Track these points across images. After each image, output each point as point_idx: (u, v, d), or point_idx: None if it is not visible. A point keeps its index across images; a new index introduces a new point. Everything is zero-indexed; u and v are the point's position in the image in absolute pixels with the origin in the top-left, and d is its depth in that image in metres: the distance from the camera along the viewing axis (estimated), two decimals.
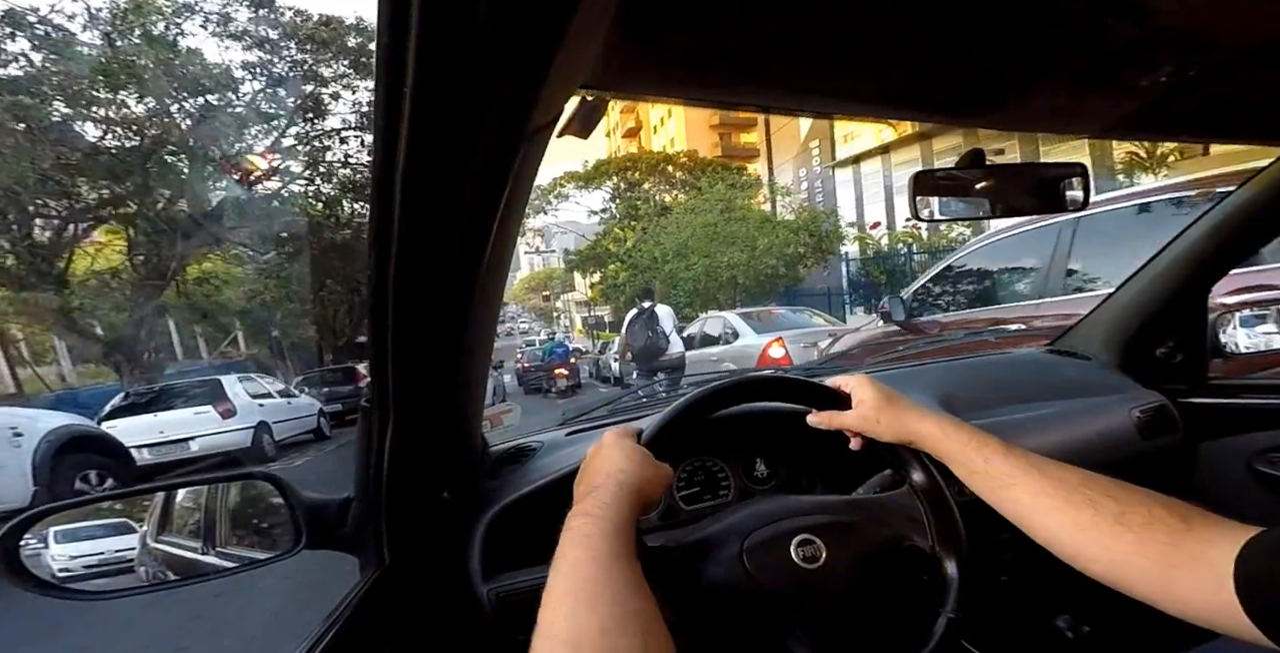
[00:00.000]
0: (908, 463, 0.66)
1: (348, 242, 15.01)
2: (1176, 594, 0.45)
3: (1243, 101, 0.61)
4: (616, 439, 0.60)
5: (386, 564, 0.67)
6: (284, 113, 13.98)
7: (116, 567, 0.73)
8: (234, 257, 15.48)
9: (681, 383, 1.81)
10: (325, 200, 15.41)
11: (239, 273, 16.21)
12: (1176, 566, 0.45)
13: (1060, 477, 0.54)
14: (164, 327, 17.57)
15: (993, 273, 3.63)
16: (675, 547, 0.61)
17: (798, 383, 0.71)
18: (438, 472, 0.70)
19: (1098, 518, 0.49)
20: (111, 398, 8.62)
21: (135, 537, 0.76)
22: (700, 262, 13.94)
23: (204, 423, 7.85)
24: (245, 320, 17.76)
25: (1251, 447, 1.03)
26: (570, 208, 21.88)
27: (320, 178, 15.17)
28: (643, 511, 0.53)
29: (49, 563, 0.66)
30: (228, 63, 13.11)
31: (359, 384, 12.82)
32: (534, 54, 0.32)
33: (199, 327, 17.74)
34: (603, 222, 23.45)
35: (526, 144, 0.39)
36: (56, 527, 0.68)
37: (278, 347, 18.63)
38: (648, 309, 6.22)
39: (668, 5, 0.36)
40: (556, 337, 16.07)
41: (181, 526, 0.80)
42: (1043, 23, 0.43)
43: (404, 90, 0.31)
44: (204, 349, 20.25)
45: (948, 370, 1.22)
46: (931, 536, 0.64)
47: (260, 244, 14.64)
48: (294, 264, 15.11)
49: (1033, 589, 0.86)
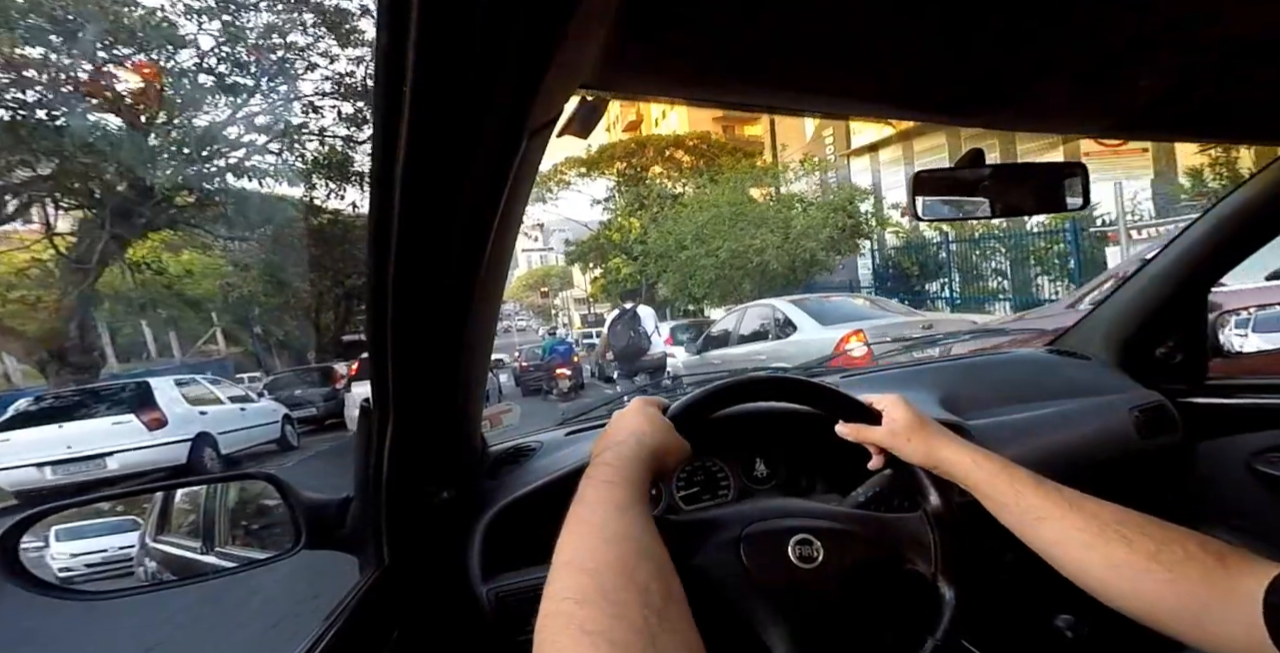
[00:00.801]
0: (925, 487, 0.66)
1: (324, 226, 13.70)
2: (1210, 632, 0.44)
3: (1243, 101, 0.61)
4: (642, 405, 0.62)
5: (386, 564, 0.67)
6: (244, 74, 11.56)
7: (119, 567, 0.73)
8: (198, 242, 13.80)
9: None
10: (295, 177, 13.28)
11: (198, 260, 14.68)
12: (1210, 604, 0.44)
13: (1094, 512, 0.53)
14: (134, 323, 16.24)
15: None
16: (675, 521, 0.62)
17: (834, 393, 0.70)
18: (438, 472, 0.70)
19: (1131, 556, 0.49)
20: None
21: (136, 535, 0.77)
22: (725, 245, 12.24)
23: (125, 435, 6.56)
24: (222, 316, 16.50)
25: (1250, 447, 1.03)
26: (572, 196, 20.56)
27: (288, 151, 13.02)
28: (657, 476, 0.54)
29: (50, 563, 0.66)
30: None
31: (337, 386, 11.82)
32: (534, 54, 0.32)
33: (177, 321, 16.46)
34: (606, 210, 21.39)
35: (526, 143, 0.39)
36: (59, 526, 0.68)
37: (261, 344, 17.53)
38: (630, 310, 6.24)
39: (668, 5, 0.36)
40: (558, 333, 15.37)
41: (181, 525, 0.80)
42: (1043, 22, 0.43)
43: (404, 90, 0.31)
44: (176, 347, 18.98)
45: (949, 370, 1.22)
46: (935, 563, 0.63)
47: (227, 228, 12.84)
48: (270, 253, 13.68)
49: (1033, 589, 0.86)
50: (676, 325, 10.94)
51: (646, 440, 0.55)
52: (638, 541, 0.42)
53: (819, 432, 0.70)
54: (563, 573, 0.39)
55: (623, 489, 0.47)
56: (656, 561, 0.41)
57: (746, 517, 0.62)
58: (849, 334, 4.49)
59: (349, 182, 13.39)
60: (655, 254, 14.83)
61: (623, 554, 0.40)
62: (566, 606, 0.36)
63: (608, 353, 6.50)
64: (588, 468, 0.51)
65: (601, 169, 20.54)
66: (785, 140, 18.98)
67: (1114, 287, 1.17)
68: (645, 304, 6.84)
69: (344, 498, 0.71)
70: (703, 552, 0.59)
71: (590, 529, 0.43)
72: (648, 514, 0.46)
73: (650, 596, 0.37)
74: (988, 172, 0.79)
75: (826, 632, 0.58)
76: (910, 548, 0.64)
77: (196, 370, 14.76)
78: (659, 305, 18.22)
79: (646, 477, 0.51)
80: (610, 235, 20.78)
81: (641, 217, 18.57)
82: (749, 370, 1.24)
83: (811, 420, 0.72)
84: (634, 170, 20.26)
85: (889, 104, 0.57)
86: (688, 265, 13.33)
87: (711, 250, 12.53)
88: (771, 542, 0.60)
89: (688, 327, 11.05)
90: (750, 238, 12.04)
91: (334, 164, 13.20)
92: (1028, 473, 0.58)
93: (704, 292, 13.47)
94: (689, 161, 19.59)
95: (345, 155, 13.30)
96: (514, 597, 0.68)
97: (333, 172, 13.25)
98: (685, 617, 0.38)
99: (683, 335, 10.14)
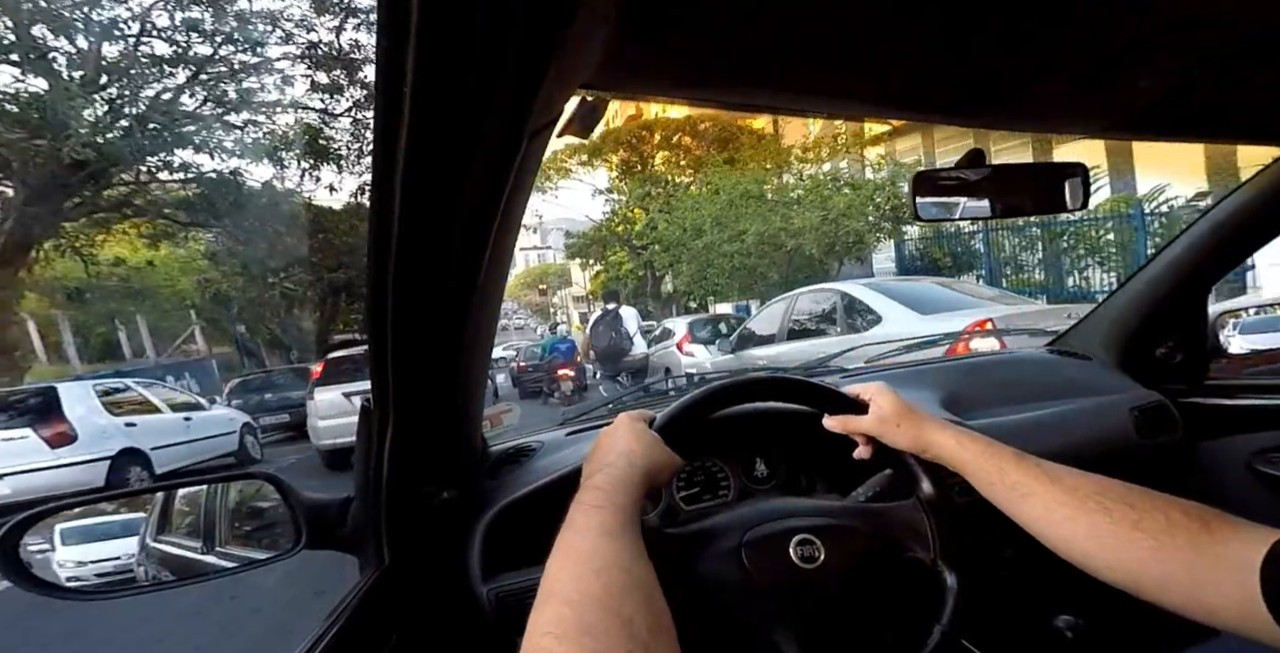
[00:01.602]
0: (916, 474, 0.66)
1: (298, 212, 12.38)
2: (1198, 599, 0.44)
3: (1242, 102, 0.61)
4: (630, 422, 0.61)
5: (386, 564, 0.67)
6: (200, 38, 10.18)
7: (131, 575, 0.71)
8: (161, 230, 12.02)
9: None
10: (263, 154, 11.51)
11: (170, 252, 13.22)
12: (1196, 570, 0.44)
13: (1074, 485, 0.53)
14: (105, 321, 14.20)
15: None
16: (675, 534, 0.62)
17: (817, 387, 0.71)
18: (438, 472, 0.70)
19: (1113, 525, 0.49)
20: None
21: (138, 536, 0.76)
22: (752, 229, 10.85)
23: (18, 454, 5.40)
24: (201, 313, 15.08)
25: (1251, 447, 1.03)
26: (574, 185, 19.19)
27: (253, 126, 11.50)
28: (649, 493, 0.54)
29: (56, 571, 0.66)
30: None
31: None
32: (534, 55, 0.32)
33: (147, 319, 14.97)
34: (609, 201, 19.37)
35: (526, 144, 0.39)
36: (63, 525, 0.68)
37: (248, 343, 16.02)
38: (612, 311, 6.27)
39: (668, 7, 0.36)
40: (560, 330, 14.33)
41: (181, 525, 0.80)
42: (1043, 23, 0.43)
43: (404, 90, 0.31)
44: (150, 347, 17.18)
45: (949, 370, 1.22)
46: (934, 548, 0.63)
47: (189, 213, 11.21)
48: (245, 244, 12.14)
49: (1033, 589, 0.86)
50: (694, 321, 9.23)
51: (637, 461, 0.55)
52: (626, 571, 0.41)
53: (818, 432, 0.70)
54: (546, 606, 0.39)
55: (612, 514, 0.47)
56: (644, 590, 0.40)
57: (745, 522, 0.63)
58: (976, 324, 3.33)
59: (325, 160, 12.13)
60: (668, 243, 13.58)
61: (609, 585, 0.39)
62: (546, 641, 0.36)
63: (589, 353, 6.53)
64: (578, 492, 0.51)
65: (604, 155, 18.18)
66: (789, 134, 17.60)
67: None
68: (648, 302, 6.76)
69: (344, 498, 0.71)
70: (705, 562, 0.59)
71: (578, 558, 0.42)
72: (638, 540, 0.46)
73: (635, 628, 0.37)
74: (988, 171, 0.79)
75: (835, 630, 0.58)
76: (908, 536, 0.64)
77: (174, 372, 13.65)
78: (665, 301, 17.52)
79: (638, 499, 0.51)
80: (614, 227, 19.11)
81: (650, 205, 16.52)
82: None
83: (810, 420, 0.72)
84: (639, 157, 17.95)
85: (889, 105, 0.57)
86: (706, 253, 12.08)
87: (735, 235, 11.23)
88: (772, 545, 0.60)
89: (705, 322, 9.27)
90: (783, 219, 10.62)
91: (310, 141, 11.76)
92: (1011, 450, 0.59)
93: (724, 283, 12.34)
94: (696, 147, 17.28)
95: (319, 131, 12.09)
96: (514, 597, 0.68)
97: (306, 150, 11.82)
98: (672, 647, 0.38)
99: (702, 332, 8.55)
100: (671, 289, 15.86)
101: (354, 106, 12.18)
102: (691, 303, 15.85)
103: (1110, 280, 9.05)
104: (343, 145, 12.43)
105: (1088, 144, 8.79)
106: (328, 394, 6.71)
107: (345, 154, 12.38)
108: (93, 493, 0.73)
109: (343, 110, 12.32)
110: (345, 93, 12.00)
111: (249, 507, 0.82)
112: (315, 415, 6.82)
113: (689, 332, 8.35)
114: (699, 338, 8.20)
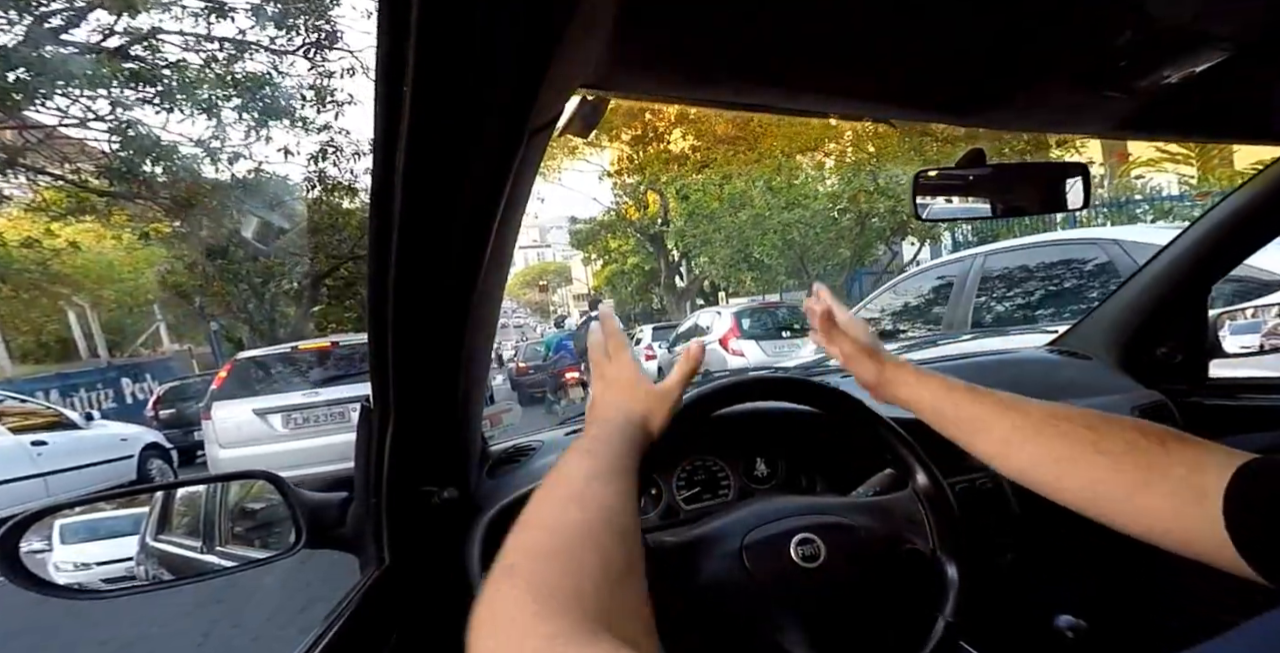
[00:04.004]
0: (911, 465, 0.67)
1: (252, 183, 9.16)
2: (1154, 519, 0.43)
3: (1243, 101, 0.61)
4: (617, 373, 0.62)
5: (386, 564, 0.67)
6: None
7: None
8: (67, 202, 9.06)
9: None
10: (202, 109, 8.38)
11: (68, 228, 9.75)
12: (1154, 490, 0.43)
13: (1028, 411, 0.52)
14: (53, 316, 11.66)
15: None
16: (674, 544, 0.62)
17: (809, 385, 0.72)
18: (438, 472, 0.70)
19: (1072, 449, 0.48)
20: None
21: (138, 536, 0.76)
22: (825, 192, 8.73)
23: None
24: (165, 309, 13.13)
25: (1251, 447, 1.03)
26: (580, 166, 17.19)
27: (174, 69, 8.33)
28: (646, 440, 0.55)
29: (54, 574, 0.66)
30: None
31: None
32: (533, 54, 0.32)
33: (90, 313, 12.67)
34: (616, 185, 16.70)
35: (526, 144, 0.39)
36: (65, 521, 0.68)
37: (224, 343, 13.40)
38: (596, 317, 6.19)
39: (667, 6, 0.36)
40: (567, 324, 12.81)
41: (180, 524, 0.80)
42: (1043, 22, 0.43)
43: (404, 90, 0.31)
44: (102, 345, 14.64)
45: (950, 371, 1.22)
46: (932, 539, 0.64)
47: (116, 182, 8.32)
48: (204, 229, 9.65)
49: (1033, 589, 0.86)
50: (740, 310, 7.44)
51: (634, 411, 0.56)
52: (607, 509, 0.40)
53: (818, 432, 0.71)
54: (524, 531, 0.38)
55: (601, 459, 0.47)
56: (621, 529, 0.39)
57: (745, 524, 0.63)
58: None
59: (276, 117, 8.95)
60: (704, 214, 11.24)
61: (588, 519, 0.39)
62: (515, 556, 0.35)
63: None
64: (574, 443, 0.51)
65: (616, 131, 15.21)
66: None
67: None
68: (675, 285, 6.19)
69: (344, 497, 0.71)
70: (707, 568, 0.59)
71: (559, 495, 0.42)
72: (625, 486, 0.44)
73: (610, 563, 0.35)
74: (988, 172, 0.79)
75: (839, 628, 0.58)
76: (906, 527, 0.65)
77: (130, 374, 11.90)
78: (680, 295, 16.02)
79: (631, 450, 0.51)
80: (628, 211, 16.76)
81: (668, 189, 14.02)
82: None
83: (811, 420, 0.72)
84: (654, 133, 15.22)
85: (889, 104, 0.57)
86: (749, 228, 10.13)
87: (798, 201, 9.10)
88: (773, 547, 0.60)
89: (756, 313, 7.43)
90: (867, 176, 8.35)
91: (254, 90, 8.63)
92: (966, 384, 0.58)
93: (773, 260, 10.31)
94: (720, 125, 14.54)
95: (269, 79, 8.76)
96: None
97: (249, 100, 8.67)
98: (641, 594, 0.37)
99: (752, 325, 6.90)
100: (694, 276, 14.26)
101: (312, 46, 8.84)
102: (699, 299, 15.16)
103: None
104: (297, 95, 9.12)
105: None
106: (232, 410, 4.55)
107: (301, 107, 9.07)
108: (93, 494, 0.73)
109: (297, 48, 8.96)
110: (298, 21, 8.63)
111: (249, 506, 0.82)
112: (211, 442, 4.56)
113: (735, 324, 6.83)
114: (749, 332, 6.74)
